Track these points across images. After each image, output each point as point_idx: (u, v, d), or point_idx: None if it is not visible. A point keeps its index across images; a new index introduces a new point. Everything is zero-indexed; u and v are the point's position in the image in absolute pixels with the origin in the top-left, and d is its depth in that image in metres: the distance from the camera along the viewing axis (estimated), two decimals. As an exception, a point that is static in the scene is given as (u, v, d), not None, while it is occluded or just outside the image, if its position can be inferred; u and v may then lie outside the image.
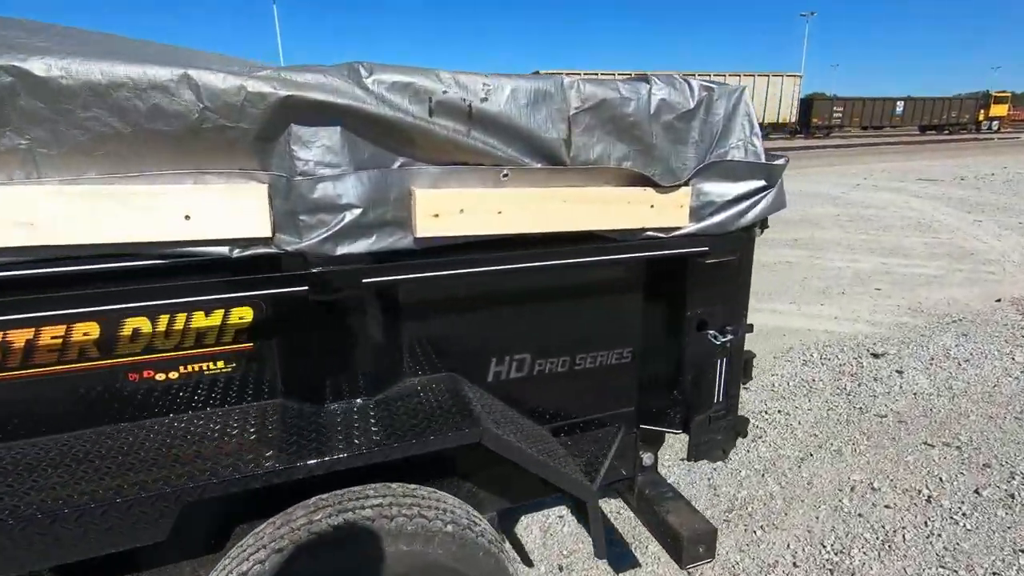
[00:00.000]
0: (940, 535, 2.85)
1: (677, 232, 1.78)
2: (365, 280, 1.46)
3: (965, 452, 3.57)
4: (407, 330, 1.70)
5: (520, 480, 1.78)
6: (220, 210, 1.31)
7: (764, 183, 1.81)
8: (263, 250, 1.37)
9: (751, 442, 3.70)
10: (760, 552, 2.78)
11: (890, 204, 12.51)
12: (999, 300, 6.42)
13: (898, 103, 41.44)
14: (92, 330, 1.36)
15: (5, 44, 1.20)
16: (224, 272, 1.37)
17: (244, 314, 1.50)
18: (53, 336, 1.33)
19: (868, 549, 2.78)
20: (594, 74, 26.95)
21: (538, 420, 1.99)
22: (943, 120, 43.15)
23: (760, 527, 2.94)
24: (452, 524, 1.51)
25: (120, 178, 1.24)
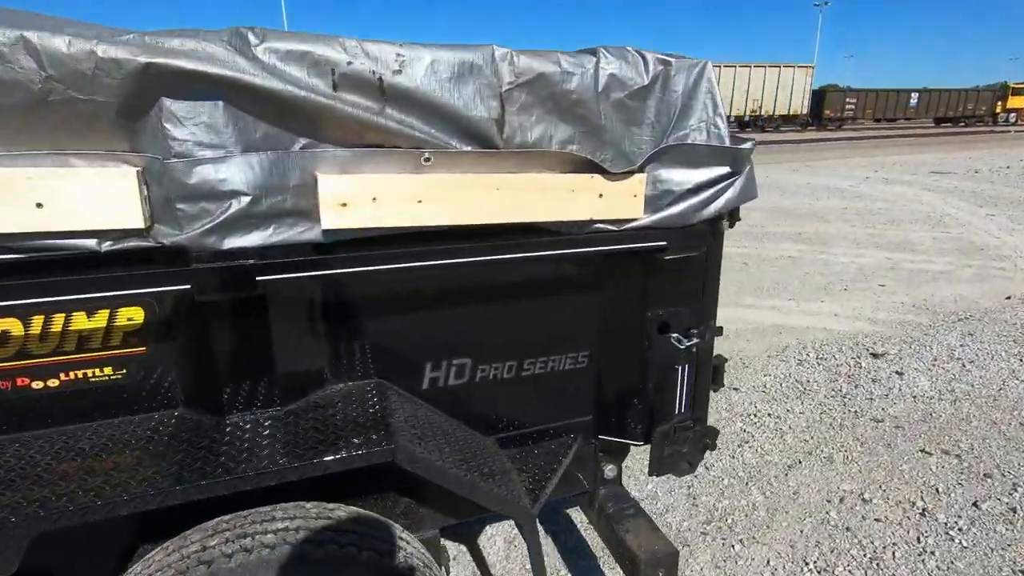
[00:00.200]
0: (933, 553, 2.65)
1: (630, 224, 1.59)
2: (261, 278, 1.29)
3: (965, 460, 3.35)
4: (324, 333, 1.52)
5: (461, 496, 1.62)
6: (82, 197, 1.14)
7: (729, 169, 1.62)
8: (138, 243, 1.21)
9: (736, 448, 3.50)
10: (738, 569, 2.59)
11: (900, 197, 12.18)
12: (1009, 297, 6.16)
13: (912, 95, 40.54)
14: None
15: None
16: (98, 268, 1.21)
17: (133, 315, 1.34)
18: None
19: (854, 567, 2.58)
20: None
21: (484, 431, 1.82)
22: (959, 112, 42.20)
23: (740, 540, 2.75)
24: (369, 551, 1.35)
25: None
